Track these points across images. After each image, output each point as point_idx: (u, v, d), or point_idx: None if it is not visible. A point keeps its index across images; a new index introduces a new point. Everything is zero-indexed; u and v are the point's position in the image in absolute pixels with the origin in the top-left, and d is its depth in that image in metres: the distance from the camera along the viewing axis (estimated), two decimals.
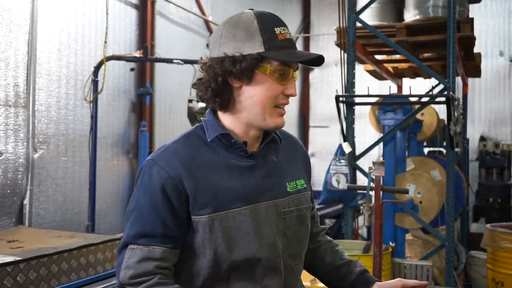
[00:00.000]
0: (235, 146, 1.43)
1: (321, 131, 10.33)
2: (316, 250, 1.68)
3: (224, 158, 1.42)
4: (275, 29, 1.39)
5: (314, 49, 10.72)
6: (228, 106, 1.42)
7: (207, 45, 1.47)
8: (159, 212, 1.36)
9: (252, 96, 1.39)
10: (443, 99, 4.30)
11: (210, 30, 7.26)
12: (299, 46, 10.48)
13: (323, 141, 10.25)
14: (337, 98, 4.50)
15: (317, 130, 10.49)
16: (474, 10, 8.25)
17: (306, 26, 10.60)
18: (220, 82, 1.38)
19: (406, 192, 3.09)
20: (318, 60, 1.43)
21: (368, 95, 4.53)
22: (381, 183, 3.00)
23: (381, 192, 2.99)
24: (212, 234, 1.36)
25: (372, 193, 2.99)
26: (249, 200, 1.40)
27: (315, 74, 10.69)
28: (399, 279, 1.57)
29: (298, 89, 10.50)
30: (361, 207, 3.87)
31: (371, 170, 3.02)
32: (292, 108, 10.30)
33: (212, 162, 1.41)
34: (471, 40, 5.01)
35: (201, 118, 1.48)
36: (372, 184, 2.99)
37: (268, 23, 1.40)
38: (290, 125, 10.17)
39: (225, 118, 1.45)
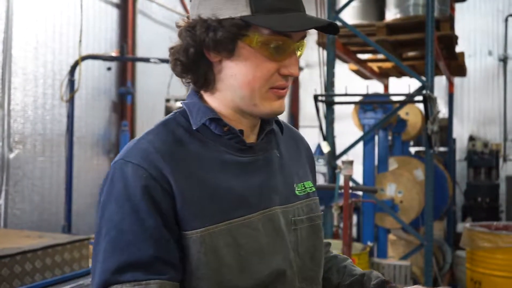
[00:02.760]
0: (228, 135, 1.08)
1: (310, 130, 10.30)
2: None
3: (215, 151, 1.07)
4: None
5: None
6: (208, 85, 1.08)
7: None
8: (148, 227, 0.96)
9: (235, 75, 1.04)
10: (420, 98, 4.27)
11: None
12: None
13: (313, 141, 10.22)
14: (315, 97, 4.47)
15: (307, 130, 10.46)
16: (462, 10, 8.25)
17: None
18: (191, 55, 1.04)
19: (375, 191, 3.08)
20: (331, 28, 1.07)
21: (346, 94, 4.51)
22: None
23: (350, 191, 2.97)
24: (210, 255, 0.99)
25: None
26: (255, 206, 1.07)
27: (305, 73, 10.66)
28: (417, 286, 1.21)
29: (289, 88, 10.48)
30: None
31: (340, 170, 3.00)
32: None
33: (200, 157, 1.05)
34: (452, 39, 4.98)
35: (181, 102, 1.13)
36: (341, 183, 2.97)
37: None
38: None
39: (212, 100, 1.10)
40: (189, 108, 1.10)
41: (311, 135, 10.27)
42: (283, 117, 10.31)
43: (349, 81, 5.26)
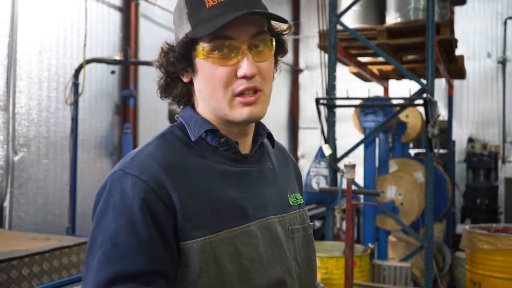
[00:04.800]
0: (224, 146, 1.11)
1: (310, 132, 10.36)
2: None
3: (213, 162, 1.10)
4: None
5: (303, 51, 10.76)
6: (189, 101, 1.16)
7: None
8: (143, 239, 0.96)
9: (201, 90, 1.11)
10: (421, 101, 4.32)
11: None
12: (289, 48, 10.50)
13: (313, 143, 10.27)
14: (317, 100, 4.52)
15: (307, 132, 10.52)
16: (462, 13, 8.31)
17: (295, 28, 10.59)
18: (165, 79, 1.14)
19: (377, 194, 3.12)
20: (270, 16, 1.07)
21: (347, 98, 4.55)
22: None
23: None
24: (211, 264, 1.00)
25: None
26: (252, 216, 1.09)
27: (305, 76, 10.72)
28: None
29: (287, 90, 10.53)
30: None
31: (343, 173, 3.05)
32: (281, 109, 10.33)
33: (200, 168, 1.08)
34: (452, 42, 5.04)
35: (177, 116, 1.17)
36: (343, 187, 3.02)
37: None
38: (280, 127, 10.20)
39: (203, 113, 1.14)
40: (186, 120, 1.13)
41: (311, 137, 10.33)
42: (283, 118, 10.38)
43: (349, 83, 5.32)
